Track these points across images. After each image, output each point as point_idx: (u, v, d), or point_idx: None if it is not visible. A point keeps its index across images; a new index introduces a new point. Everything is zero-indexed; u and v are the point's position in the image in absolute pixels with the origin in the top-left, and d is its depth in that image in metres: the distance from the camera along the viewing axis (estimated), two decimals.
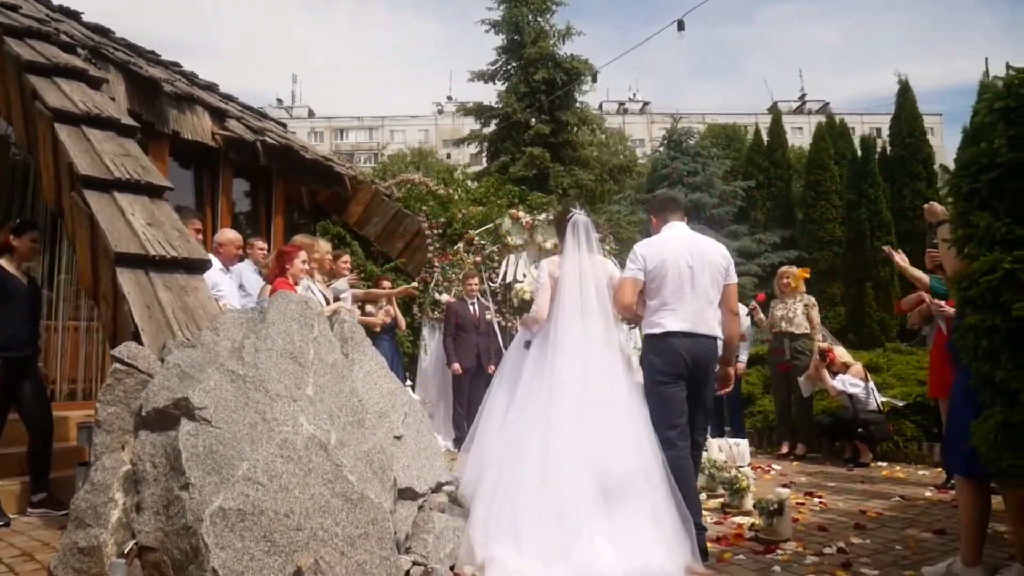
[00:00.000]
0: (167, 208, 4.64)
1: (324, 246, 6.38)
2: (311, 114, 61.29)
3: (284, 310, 3.51)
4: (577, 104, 17.11)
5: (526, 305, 4.75)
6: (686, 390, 3.97)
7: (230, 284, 5.69)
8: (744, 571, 3.58)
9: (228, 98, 8.91)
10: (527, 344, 4.41)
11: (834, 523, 4.49)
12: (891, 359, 8.38)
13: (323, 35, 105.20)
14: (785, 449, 7.40)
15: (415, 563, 3.12)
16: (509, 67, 17.07)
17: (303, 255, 5.02)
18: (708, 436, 6.77)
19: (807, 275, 7.62)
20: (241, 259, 6.18)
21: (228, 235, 6.05)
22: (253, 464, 2.90)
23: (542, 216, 9.27)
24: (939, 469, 6.04)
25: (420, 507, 3.62)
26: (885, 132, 15.70)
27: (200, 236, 5.67)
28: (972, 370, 3.04)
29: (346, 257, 7.32)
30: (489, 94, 17.87)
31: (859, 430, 6.68)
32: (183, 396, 3.10)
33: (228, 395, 3.12)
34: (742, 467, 5.67)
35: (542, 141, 15.99)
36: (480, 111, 17.37)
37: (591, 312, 4.13)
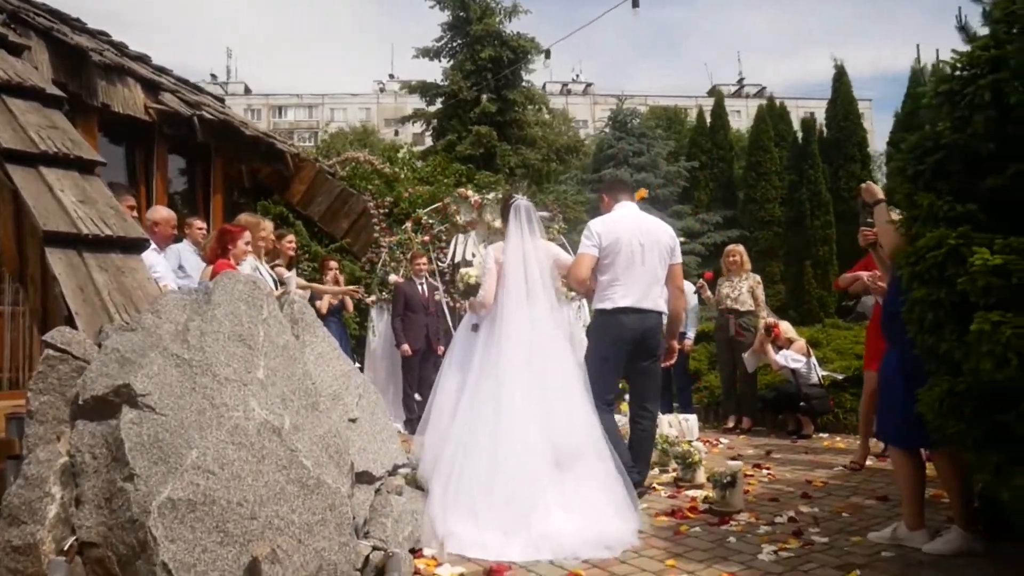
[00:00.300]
0: (99, 184, 4.39)
1: (268, 226, 6.18)
2: (247, 91, 59.48)
3: (231, 291, 3.37)
4: (524, 83, 17.01)
5: (471, 289, 4.97)
6: (634, 363, 4.29)
7: (166, 265, 5.46)
8: (700, 542, 3.63)
9: (161, 70, 8.50)
10: (475, 327, 4.47)
11: (783, 493, 4.60)
12: (830, 334, 8.62)
13: (259, 8, 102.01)
14: (731, 423, 7.55)
15: (375, 548, 3.05)
16: (455, 44, 16.85)
17: (247, 235, 4.85)
18: (659, 412, 6.94)
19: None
20: (176, 239, 5.95)
21: (162, 213, 5.75)
22: (203, 452, 2.78)
23: (491, 195, 9.19)
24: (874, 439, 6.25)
25: (377, 491, 3.54)
26: (820, 116, 16.05)
27: (135, 214, 5.41)
28: (917, 342, 3.12)
29: (291, 237, 7.12)
30: (434, 72, 17.59)
31: (801, 404, 6.86)
32: (124, 382, 2.95)
33: (173, 380, 2.98)
34: (692, 441, 5.77)
35: (489, 120, 15.85)
36: (425, 89, 17.10)
37: (536, 295, 4.22)
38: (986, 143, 2.87)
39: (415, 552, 3.50)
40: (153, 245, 5.27)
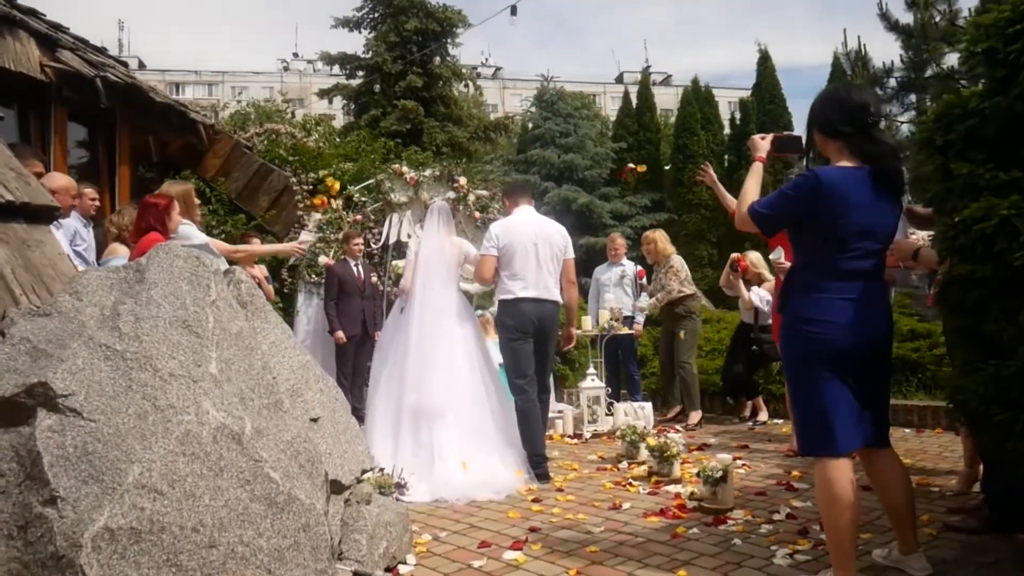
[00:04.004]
0: None
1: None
2: (141, 65, 55.65)
3: (169, 268, 2.79)
4: (450, 57, 16.34)
5: (399, 279, 5.65)
6: (533, 345, 4.88)
7: (67, 242, 4.69)
8: (704, 546, 3.31)
9: (57, 27, 7.49)
10: (402, 310, 5.22)
11: (767, 487, 4.35)
12: None
13: None
14: (674, 411, 7.22)
15: (356, 573, 2.58)
16: (375, 15, 15.98)
17: (177, 207, 4.18)
18: (614, 400, 6.68)
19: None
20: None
21: (60, 180, 4.79)
22: (147, 466, 2.24)
23: (427, 172, 8.66)
24: None
25: (346, 501, 3.06)
26: (729, 105, 16.08)
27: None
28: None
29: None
30: (352, 45, 16.64)
31: (753, 347, 6.39)
32: (39, 380, 2.36)
33: (103, 377, 2.41)
34: (658, 431, 5.49)
35: (414, 95, 15.12)
36: (345, 60, 16.16)
37: (440, 282, 5.08)
38: None
39: (391, 570, 3.06)
40: None
